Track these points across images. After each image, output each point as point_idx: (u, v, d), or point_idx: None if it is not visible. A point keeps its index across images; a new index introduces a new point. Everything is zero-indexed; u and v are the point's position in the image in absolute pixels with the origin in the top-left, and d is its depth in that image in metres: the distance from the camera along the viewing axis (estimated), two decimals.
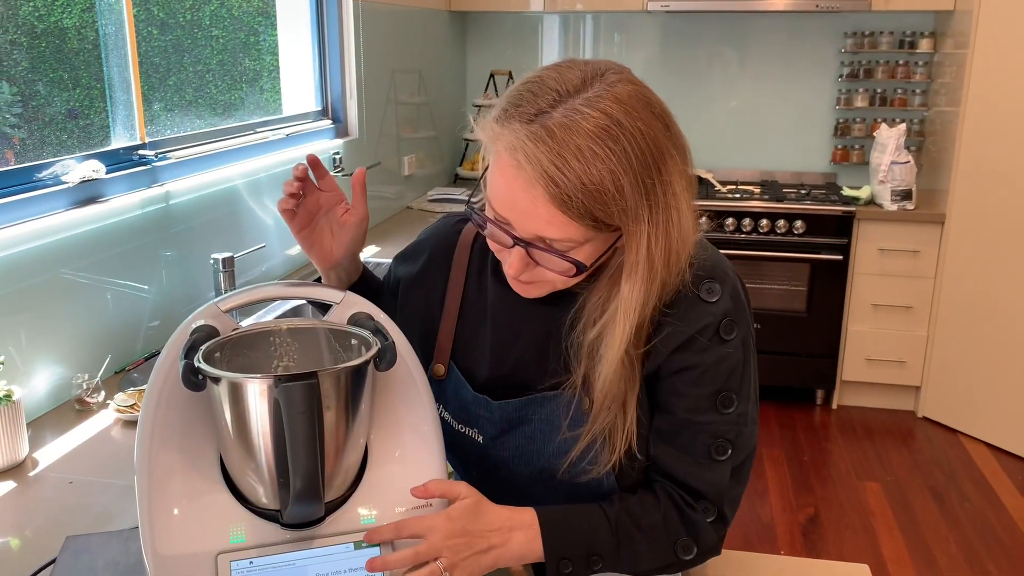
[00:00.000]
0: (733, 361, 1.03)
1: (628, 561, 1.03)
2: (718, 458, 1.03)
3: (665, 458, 1.06)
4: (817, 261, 3.61)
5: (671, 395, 1.04)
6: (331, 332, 1.02)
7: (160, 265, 2.04)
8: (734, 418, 1.03)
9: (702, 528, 1.04)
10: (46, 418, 1.65)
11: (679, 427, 1.04)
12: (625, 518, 1.03)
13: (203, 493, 0.92)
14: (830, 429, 3.60)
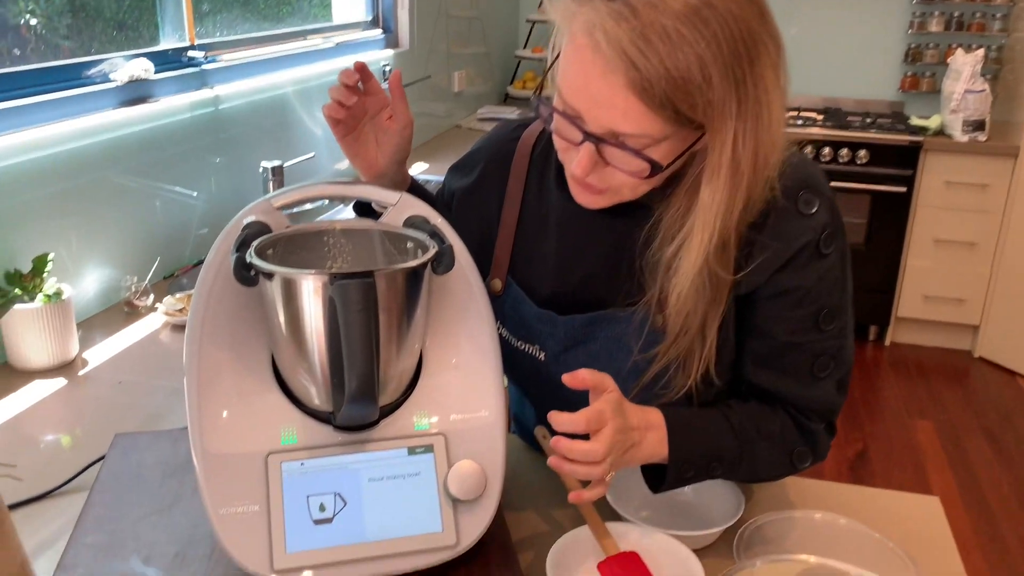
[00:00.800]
0: (834, 276, 0.97)
1: (747, 468, 0.99)
2: (820, 375, 0.99)
3: (766, 381, 1.00)
4: (879, 193, 3.47)
5: (770, 320, 0.98)
6: (386, 235, 0.97)
7: (209, 171, 2.00)
8: (835, 333, 0.98)
9: (819, 437, 1.02)
10: (95, 319, 1.64)
11: (780, 350, 0.98)
12: (748, 424, 0.99)
13: (254, 392, 0.89)
14: (882, 366, 3.51)
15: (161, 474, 1.03)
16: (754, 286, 0.96)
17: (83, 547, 0.90)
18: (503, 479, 0.91)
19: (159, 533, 0.92)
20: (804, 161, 0.97)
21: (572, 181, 0.97)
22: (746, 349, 1.01)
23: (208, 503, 0.84)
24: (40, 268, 1.43)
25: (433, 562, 0.86)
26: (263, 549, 0.83)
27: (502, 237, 1.12)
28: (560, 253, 1.07)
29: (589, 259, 1.05)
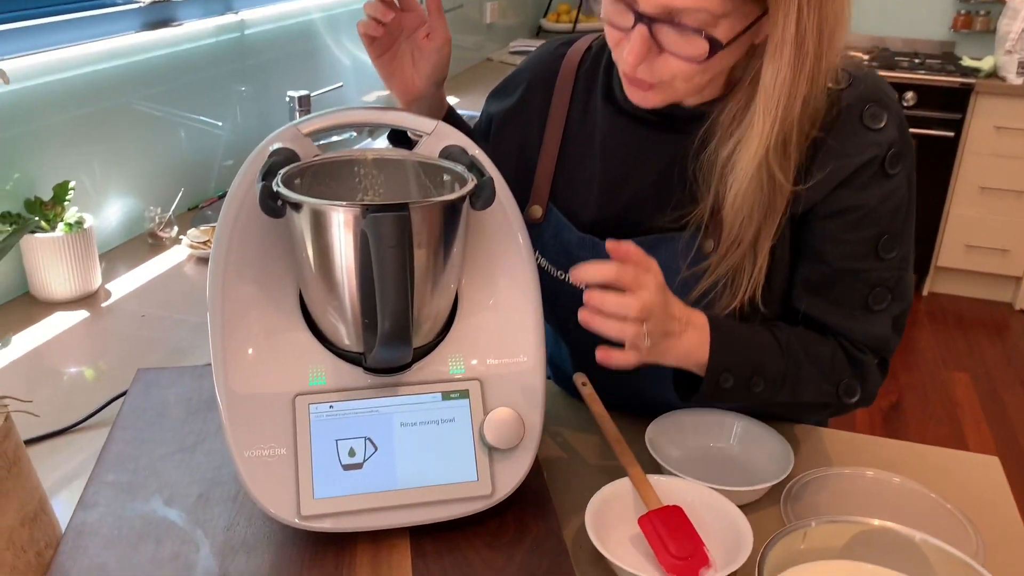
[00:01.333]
0: (898, 199, 0.90)
1: (790, 389, 0.91)
2: (875, 308, 0.92)
3: (817, 311, 0.93)
4: (925, 137, 3.34)
5: (826, 241, 0.91)
6: (421, 166, 0.91)
7: (234, 100, 1.94)
8: (895, 263, 0.91)
9: (869, 370, 0.94)
10: (119, 250, 1.60)
11: (834, 277, 0.92)
12: (796, 343, 0.92)
13: (281, 330, 0.84)
14: (919, 316, 3.43)
15: (184, 411, 0.99)
16: (812, 203, 0.90)
17: (104, 485, 0.87)
18: (542, 428, 0.86)
19: (182, 473, 0.89)
20: (872, 75, 0.90)
21: (625, 79, 0.91)
22: (798, 276, 0.94)
23: (232, 445, 0.79)
24: (61, 196, 1.38)
25: (467, 512, 0.82)
26: (290, 494, 0.79)
27: (544, 160, 1.05)
28: (606, 175, 1.00)
29: (636, 180, 0.98)
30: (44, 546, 0.78)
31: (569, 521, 0.90)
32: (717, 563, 0.83)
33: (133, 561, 0.77)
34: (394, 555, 0.80)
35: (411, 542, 0.81)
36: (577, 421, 1.06)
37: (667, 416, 1.01)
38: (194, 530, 0.81)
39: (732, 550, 0.83)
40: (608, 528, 0.86)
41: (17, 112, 1.38)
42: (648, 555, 0.85)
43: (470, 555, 0.80)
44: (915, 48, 3.75)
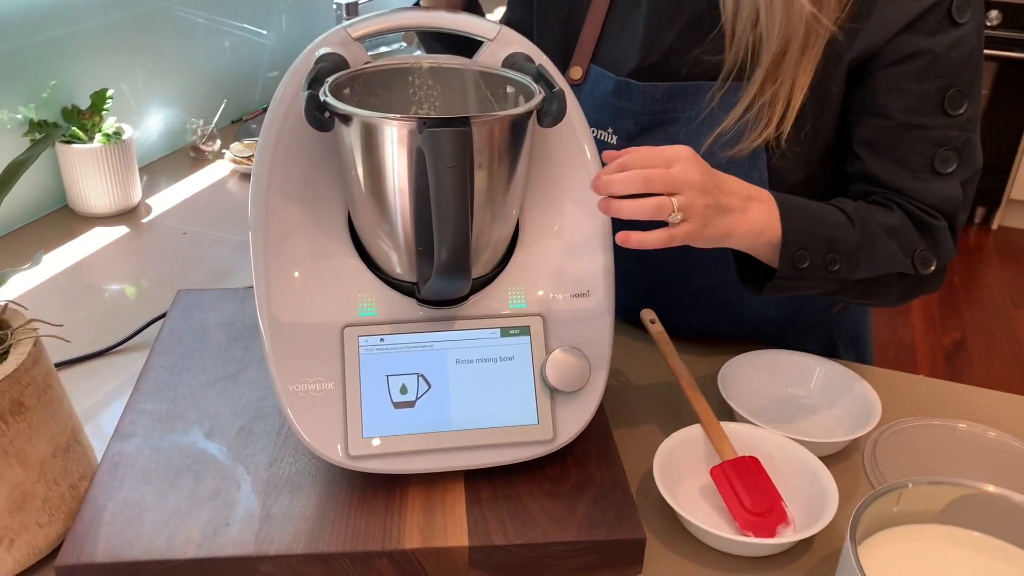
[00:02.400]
0: (967, 50, 0.82)
1: (868, 264, 0.83)
2: (942, 171, 0.84)
3: (881, 171, 0.85)
4: (1007, 60, 3.13)
5: (888, 92, 0.83)
6: (482, 76, 0.82)
7: (280, 8, 1.84)
8: (963, 122, 0.83)
9: (942, 236, 0.85)
10: (160, 163, 1.54)
11: (897, 135, 0.84)
12: (865, 215, 0.83)
13: (328, 255, 0.77)
14: (987, 251, 3.27)
15: (226, 337, 0.94)
16: (872, 49, 0.82)
17: (141, 414, 0.82)
18: (608, 369, 0.79)
19: (223, 404, 0.84)
20: None
21: None
22: (856, 138, 0.86)
23: (276, 378, 0.74)
24: (99, 105, 1.32)
25: (526, 456, 0.76)
26: (337, 432, 0.73)
27: (591, 19, 0.97)
28: (649, 20, 0.92)
29: (681, 22, 0.90)
30: (78, 478, 0.73)
31: (635, 470, 0.83)
32: (796, 521, 0.77)
33: (171, 497, 0.73)
34: (447, 500, 0.74)
35: (466, 487, 0.75)
36: (643, 360, 0.99)
37: (742, 357, 0.94)
38: (235, 466, 0.76)
39: (813, 507, 0.76)
40: (677, 478, 0.79)
41: (54, 14, 1.30)
42: (720, 509, 0.78)
43: (529, 503, 0.74)
44: None
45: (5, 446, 0.66)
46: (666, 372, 0.91)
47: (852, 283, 0.84)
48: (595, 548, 0.71)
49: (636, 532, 0.71)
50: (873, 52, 0.82)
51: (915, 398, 0.98)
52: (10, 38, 1.24)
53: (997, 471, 0.86)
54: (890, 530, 0.71)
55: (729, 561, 0.75)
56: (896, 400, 0.96)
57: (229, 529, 0.70)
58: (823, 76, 0.84)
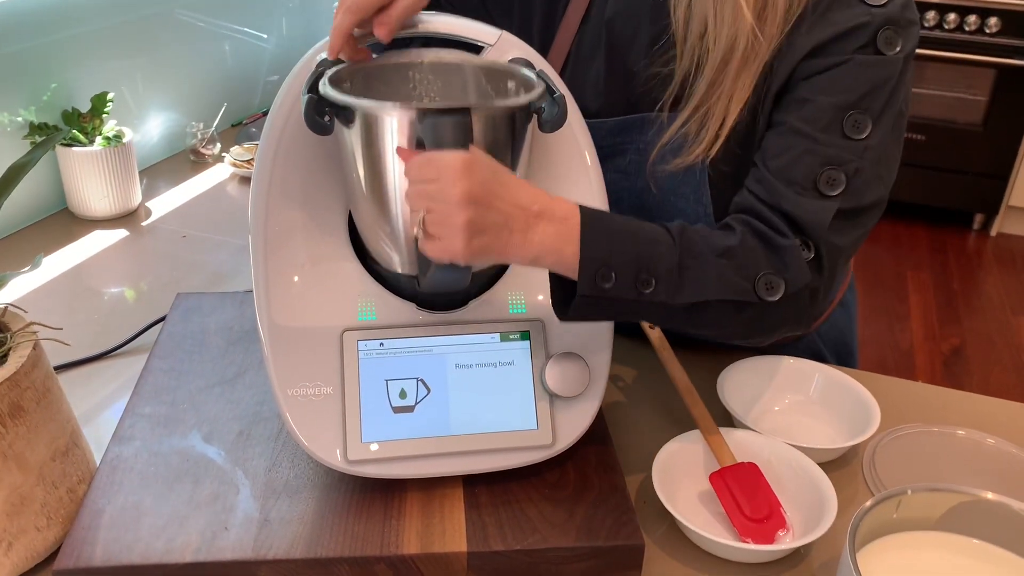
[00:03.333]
0: (884, 76, 0.79)
1: (691, 287, 0.74)
2: (826, 192, 0.78)
3: (764, 178, 0.80)
4: (1006, 67, 3.13)
5: (791, 103, 0.81)
6: (483, 70, 0.82)
7: (280, 12, 1.84)
8: (861, 149, 0.78)
9: (792, 257, 0.77)
10: (160, 167, 1.54)
11: (787, 142, 0.80)
12: (693, 235, 0.76)
13: (328, 259, 0.78)
14: (985, 257, 3.27)
15: (225, 341, 0.94)
16: (791, 66, 0.80)
17: (140, 418, 0.82)
18: (607, 375, 0.79)
19: (221, 407, 0.84)
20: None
21: None
22: (759, 149, 0.83)
23: (275, 382, 0.74)
24: (99, 108, 1.32)
25: (525, 462, 0.76)
26: (336, 437, 0.73)
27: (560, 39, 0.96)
28: (611, 65, 0.93)
29: (634, 52, 0.91)
30: (76, 481, 0.73)
31: (634, 475, 0.83)
32: (795, 527, 0.76)
33: (170, 501, 0.72)
34: (446, 505, 0.74)
35: (464, 492, 0.75)
36: (643, 365, 0.99)
37: (741, 363, 0.94)
38: (234, 470, 0.76)
39: (812, 514, 0.76)
40: (676, 484, 0.79)
41: (55, 17, 1.30)
42: (719, 515, 0.78)
43: (528, 508, 0.74)
44: None
45: (4, 449, 0.66)
46: (665, 378, 0.91)
47: (678, 310, 0.75)
48: (594, 554, 0.71)
49: (635, 538, 0.71)
50: (791, 70, 0.81)
51: (914, 405, 0.98)
52: (11, 41, 1.24)
53: (996, 478, 0.86)
54: (889, 537, 0.71)
55: (728, 567, 0.75)
56: (895, 407, 0.96)
57: (228, 533, 0.70)
58: (757, 96, 0.83)
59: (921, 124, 3.29)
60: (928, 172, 3.35)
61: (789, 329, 0.81)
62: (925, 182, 3.38)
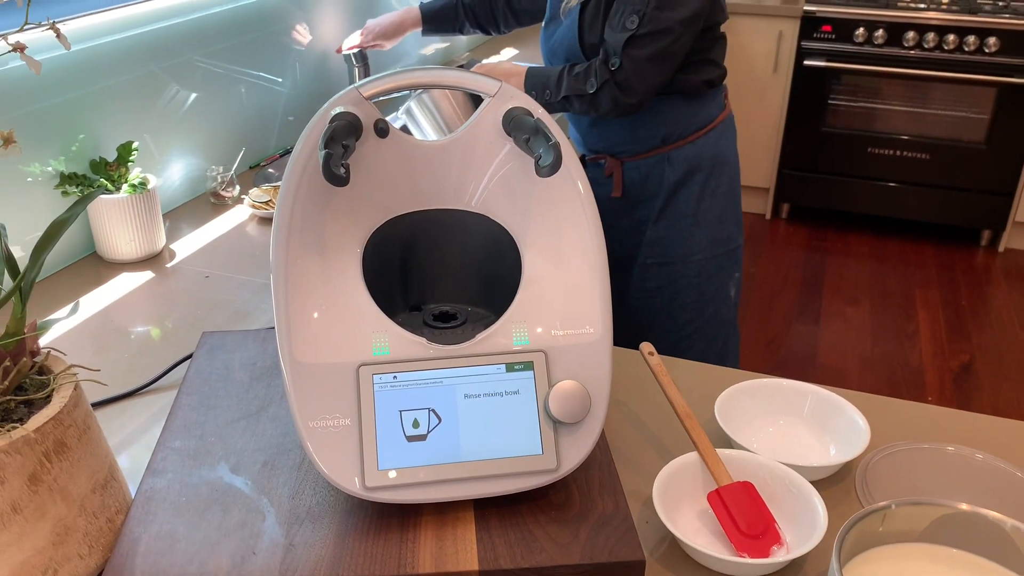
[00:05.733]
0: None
1: (558, 90, 1.52)
2: (627, 27, 1.43)
3: (606, 33, 1.48)
4: (1007, 85, 3.18)
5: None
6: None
7: (294, 56, 1.92)
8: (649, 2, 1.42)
9: (597, 67, 1.47)
10: (182, 210, 1.61)
11: (615, 8, 1.45)
12: (567, 69, 1.52)
13: (344, 299, 0.83)
14: (994, 273, 3.30)
15: (249, 376, 1.00)
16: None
17: (171, 451, 0.87)
18: (608, 401, 0.84)
19: (247, 440, 0.89)
20: None
21: None
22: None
23: (297, 415, 0.79)
24: (125, 156, 1.39)
25: (532, 485, 0.81)
26: (354, 465, 0.78)
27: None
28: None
29: None
30: (114, 512, 0.79)
31: (635, 495, 0.88)
32: (789, 542, 0.81)
33: (201, 528, 0.78)
34: (459, 527, 0.79)
35: (476, 514, 0.80)
36: (643, 391, 1.04)
37: (738, 387, 0.98)
38: (260, 498, 0.81)
39: (805, 529, 0.81)
40: (676, 504, 0.84)
41: (81, 73, 1.38)
42: (717, 532, 0.83)
43: (535, 530, 0.79)
44: None
45: (50, 483, 0.71)
46: (664, 402, 0.95)
47: (561, 100, 1.52)
48: (597, 571, 0.75)
49: (636, 555, 0.76)
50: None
51: (906, 422, 1.02)
52: (41, 98, 1.32)
53: (983, 491, 0.90)
54: (876, 549, 0.75)
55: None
56: (887, 425, 1.00)
57: (256, 558, 0.75)
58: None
59: (926, 143, 3.34)
60: (934, 190, 3.39)
61: (614, 107, 1.49)
62: (931, 200, 3.41)
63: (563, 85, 1.52)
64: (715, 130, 1.61)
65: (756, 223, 3.73)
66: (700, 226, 1.63)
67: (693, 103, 1.57)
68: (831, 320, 2.98)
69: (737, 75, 3.53)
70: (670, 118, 1.57)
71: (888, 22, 3.23)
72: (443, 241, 0.93)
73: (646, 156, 1.61)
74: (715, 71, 1.57)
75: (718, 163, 1.62)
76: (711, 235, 1.64)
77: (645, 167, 1.62)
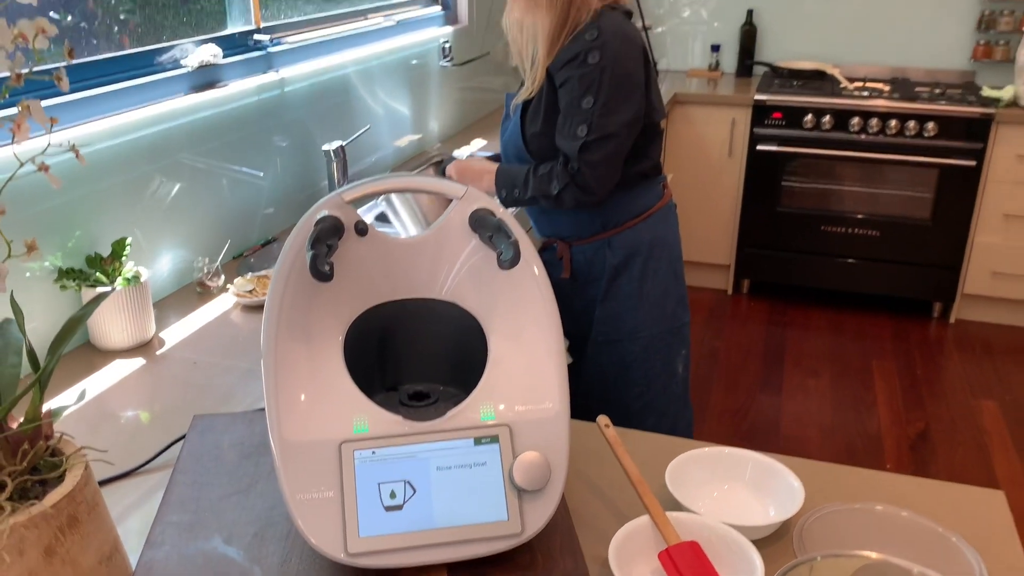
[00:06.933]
0: (592, 75, 1.58)
1: (524, 190, 1.70)
2: (579, 135, 1.60)
3: (558, 142, 1.65)
4: (947, 166, 3.38)
5: (561, 97, 1.62)
6: None
7: (274, 152, 2.05)
8: (588, 112, 1.59)
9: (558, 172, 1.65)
10: (170, 299, 1.71)
11: (562, 120, 1.63)
12: (531, 170, 1.70)
13: (327, 383, 0.93)
14: (946, 344, 3.45)
15: (238, 455, 1.08)
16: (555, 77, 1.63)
17: (168, 525, 0.95)
18: (567, 470, 0.94)
19: (239, 513, 0.97)
20: (614, 17, 1.62)
21: None
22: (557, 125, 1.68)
23: (286, 489, 0.88)
24: (119, 252, 1.49)
25: (499, 549, 0.89)
26: (337, 533, 0.87)
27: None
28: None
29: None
30: None
31: (594, 557, 0.97)
32: None
33: None
34: None
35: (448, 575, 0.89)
36: (599, 460, 1.13)
37: (684, 456, 1.08)
38: (252, 567, 0.89)
39: None
40: (630, 562, 0.93)
41: (79, 176, 1.49)
42: None
43: None
44: (936, 78, 3.80)
45: (63, 555, 0.79)
46: (619, 470, 1.05)
47: (528, 198, 1.70)
48: None
49: None
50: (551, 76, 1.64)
51: (843, 486, 1.12)
52: (43, 200, 1.42)
53: (906, 545, 0.99)
54: None
55: None
56: (828, 488, 1.10)
57: None
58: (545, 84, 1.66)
59: (876, 221, 3.52)
60: (886, 265, 3.56)
61: (577, 204, 1.67)
62: (884, 275, 3.58)
63: (530, 186, 1.68)
64: (653, 217, 1.76)
65: (719, 299, 3.87)
66: (644, 305, 1.75)
67: (630, 193, 1.72)
68: (793, 392, 3.09)
69: (695, 159, 3.72)
70: (609, 206, 1.72)
71: (834, 109, 3.45)
72: (417, 327, 1.04)
73: (590, 241, 1.76)
74: (649, 164, 1.73)
75: (657, 246, 1.76)
76: (655, 314, 1.76)
77: (590, 251, 1.76)
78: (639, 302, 1.76)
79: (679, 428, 1.87)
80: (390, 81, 2.55)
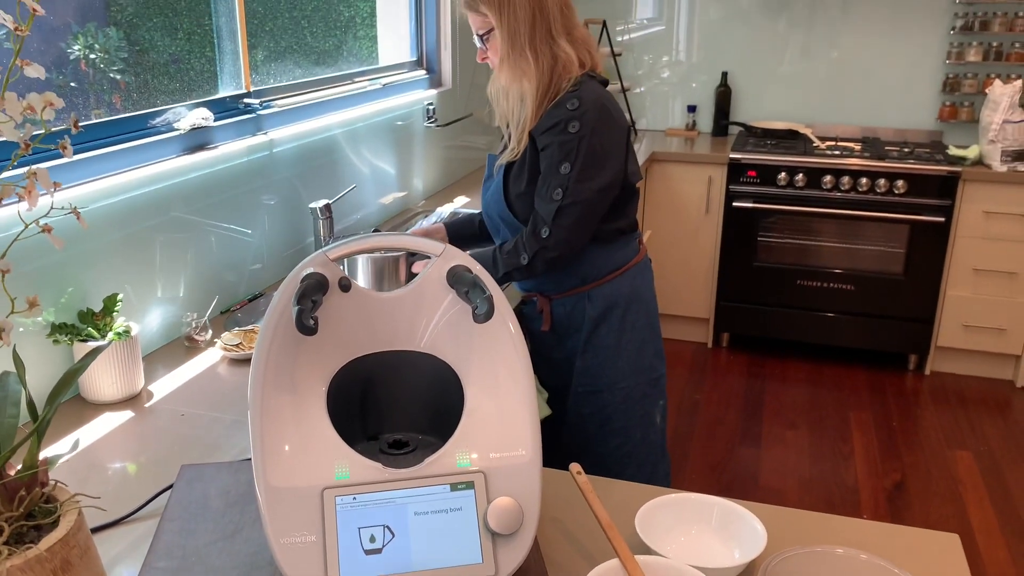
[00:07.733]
0: (571, 143, 1.66)
1: (495, 267, 1.75)
2: (555, 198, 1.68)
3: (536, 203, 1.72)
4: (917, 223, 3.49)
5: (542, 160, 1.70)
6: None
7: (262, 211, 2.11)
8: (566, 177, 1.67)
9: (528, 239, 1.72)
10: (158, 353, 1.75)
11: (542, 180, 1.70)
12: (499, 248, 1.77)
13: (311, 433, 0.97)
14: (921, 395, 3.51)
15: (224, 503, 1.12)
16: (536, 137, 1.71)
17: (156, 571, 0.99)
18: (539, 514, 0.98)
19: (224, 559, 1.01)
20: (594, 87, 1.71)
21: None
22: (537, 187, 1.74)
23: (270, 534, 0.92)
24: (110, 308, 1.53)
25: None
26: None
27: None
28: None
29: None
30: None
31: None
32: None
33: None
34: None
35: None
36: (570, 505, 1.18)
37: (653, 502, 1.13)
38: None
39: None
40: None
41: (72, 234, 1.55)
42: None
43: None
44: (905, 137, 3.93)
45: None
46: (590, 515, 1.10)
47: (501, 275, 1.75)
48: None
49: None
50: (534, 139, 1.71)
51: (807, 530, 1.17)
52: (37, 258, 1.48)
53: None
54: None
55: None
56: (792, 532, 1.15)
57: None
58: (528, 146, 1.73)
59: (850, 275, 3.62)
60: (862, 319, 3.64)
61: (549, 268, 1.74)
62: (860, 328, 3.66)
63: (499, 265, 1.75)
64: (629, 272, 1.83)
65: (699, 351, 3.94)
66: (622, 357, 1.81)
67: (608, 248, 1.79)
68: (772, 444, 3.14)
69: (673, 216, 3.82)
70: (587, 262, 1.79)
71: (807, 167, 3.56)
72: (397, 378, 1.09)
73: (569, 294, 1.83)
74: (626, 221, 1.81)
75: (634, 300, 1.83)
76: (633, 365, 1.82)
77: (569, 304, 1.82)
78: (618, 353, 1.81)
79: (657, 477, 1.92)
80: (376, 141, 2.64)
